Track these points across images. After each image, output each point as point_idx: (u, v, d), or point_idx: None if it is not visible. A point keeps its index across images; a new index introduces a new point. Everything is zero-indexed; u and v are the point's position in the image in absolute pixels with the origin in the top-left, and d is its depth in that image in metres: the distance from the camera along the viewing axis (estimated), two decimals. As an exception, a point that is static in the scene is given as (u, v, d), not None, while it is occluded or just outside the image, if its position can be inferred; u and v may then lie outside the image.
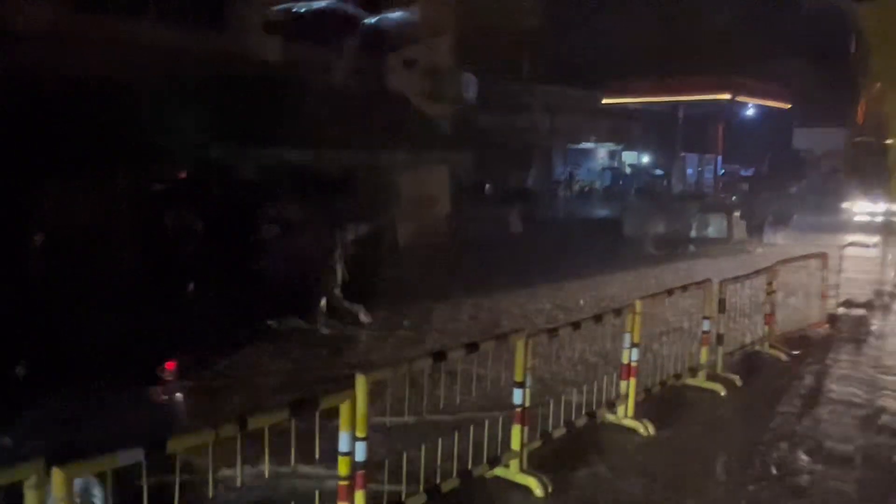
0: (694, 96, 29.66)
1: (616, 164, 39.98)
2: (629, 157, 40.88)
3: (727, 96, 28.03)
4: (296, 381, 5.93)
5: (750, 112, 34.74)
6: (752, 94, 29.84)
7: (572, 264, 12.62)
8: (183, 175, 10.72)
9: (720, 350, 6.59)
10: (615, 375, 5.48)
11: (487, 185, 32.43)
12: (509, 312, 9.03)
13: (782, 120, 36.46)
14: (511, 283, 10.49)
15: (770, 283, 7.37)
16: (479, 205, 18.26)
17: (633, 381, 5.36)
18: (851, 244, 11.37)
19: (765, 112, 35.14)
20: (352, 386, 3.40)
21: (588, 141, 35.61)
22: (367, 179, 14.12)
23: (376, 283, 8.51)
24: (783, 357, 7.30)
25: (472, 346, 4.14)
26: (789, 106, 32.85)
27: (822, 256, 8.37)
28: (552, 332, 4.73)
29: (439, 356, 3.92)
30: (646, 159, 41.61)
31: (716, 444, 5.09)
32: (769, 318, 7.45)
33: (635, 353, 5.34)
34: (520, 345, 4.32)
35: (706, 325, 6.31)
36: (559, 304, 9.60)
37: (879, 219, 18.97)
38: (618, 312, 5.27)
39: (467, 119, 31.49)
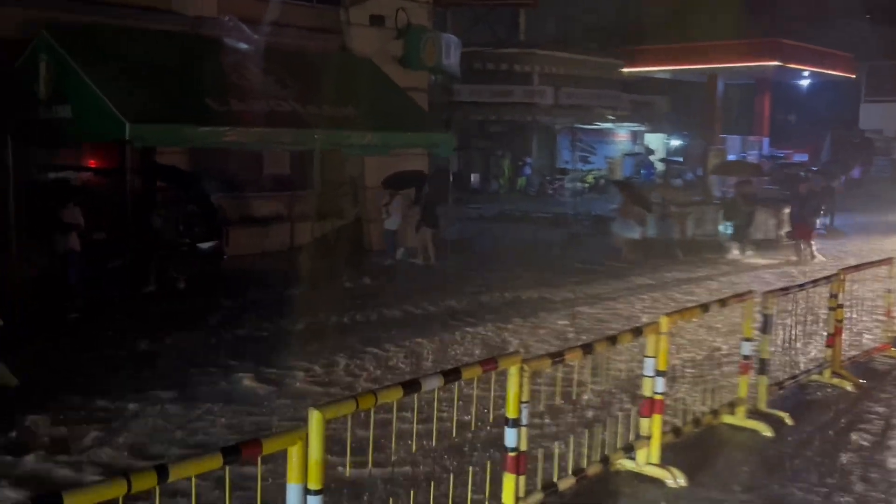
0: (735, 63, 29.96)
1: (638, 150, 40.41)
2: (655, 140, 41.32)
3: (775, 63, 28.40)
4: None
5: (804, 83, 35.20)
6: (806, 60, 30.21)
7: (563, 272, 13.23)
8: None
9: (764, 380, 6.71)
10: (635, 411, 5.55)
11: (473, 177, 32.69)
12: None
13: (845, 93, 36.96)
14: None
15: (835, 297, 7.49)
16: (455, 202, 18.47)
17: (657, 418, 5.41)
18: None
19: (822, 83, 35.58)
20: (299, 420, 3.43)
21: (603, 121, 35.83)
22: (302, 164, 14.51)
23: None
24: (849, 388, 7.40)
25: (454, 373, 4.18)
26: (854, 76, 33.21)
27: (890, 263, 8.54)
28: (556, 357, 4.77)
29: (411, 386, 3.95)
30: (676, 143, 42.13)
31: (760, 502, 5.17)
32: (832, 340, 7.56)
33: (661, 384, 5.40)
34: (513, 371, 4.37)
35: (747, 349, 6.41)
36: (533, 334, 9.67)
37: None
38: (638, 332, 5.34)
39: (448, 92, 31.84)
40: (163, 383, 7.17)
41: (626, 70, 32.58)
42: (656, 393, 5.40)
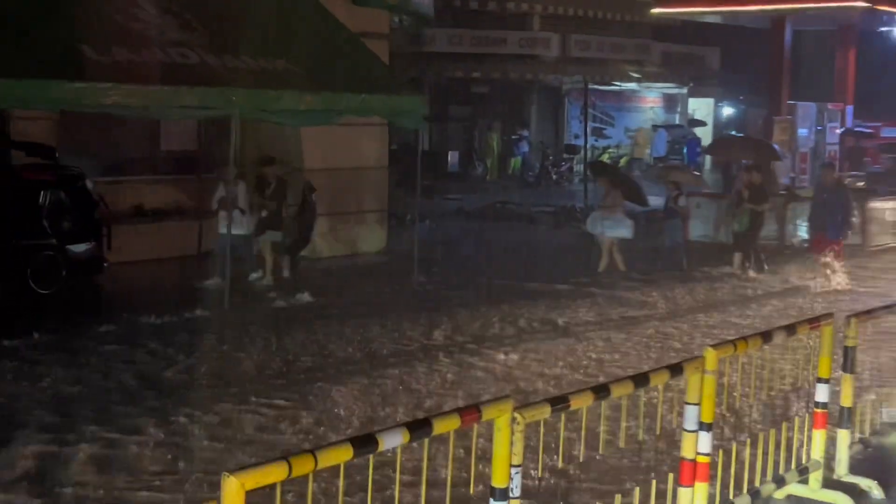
0: (809, 3, 30.28)
1: (677, 120, 40.76)
2: (701, 106, 41.66)
3: (864, 3, 28.70)
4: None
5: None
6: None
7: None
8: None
9: (847, 436, 6.78)
10: (672, 478, 5.59)
11: (451, 156, 32.81)
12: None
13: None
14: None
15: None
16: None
17: (702, 486, 5.47)
18: None
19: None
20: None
21: (626, 79, 36.09)
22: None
23: None
24: None
25: (421, 426, 4.19)
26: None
27: None
28: (558, 403, 4.79)
29: (365, 444, 3.95)
30: (727, 111, 42.56)
31: None
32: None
33: (706, 441, 5.45)
34: (502, 423, 4.39)
35: (823, 394, 6.50)
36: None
37: None
38: (675, 370, 5.38)
39: (418, 39, 31.87)
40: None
41: (657, 11, 32.72)
42: (700, 454, 5.44)
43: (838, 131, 31.41)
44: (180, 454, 7.09)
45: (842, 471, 6.77)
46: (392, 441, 4.06)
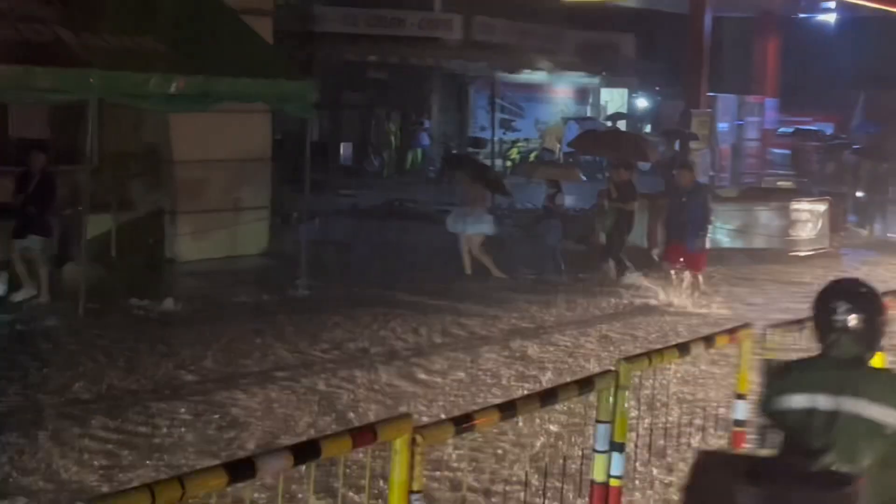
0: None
1: (588, 112, 41.30)
2: (615, 98, 42.28)
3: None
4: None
5: (828, 17, 36.64)
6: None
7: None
8: None
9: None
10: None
11: (344, 149, 32.67)
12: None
13: (889, 35, 38.70)
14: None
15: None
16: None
17: (612, 514, 5.55)
18: None
19: (856, 18, 37.16)
20: None
21: (536, 68, 36.48)
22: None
23: None
24: None
25: (309, 449, 4.16)
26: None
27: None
28: (462, 423, 4.82)
29: (241, 469, 3.91)
30: (642, 103, 43.29)
31: None
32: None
33: (618, 463, 5.55)
34: (400, 445, 4.39)
35: (740, 410, 6.63)
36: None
37: None
38: (584, 384, 5.45)
39: (306, 18, 31.65)
40: None
41: (568, -7, 33.18)
42: (613, 477, 5.52)
43: (787, 130, 32.19)
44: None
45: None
46: (272, 465, 4.04)
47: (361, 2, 33.23)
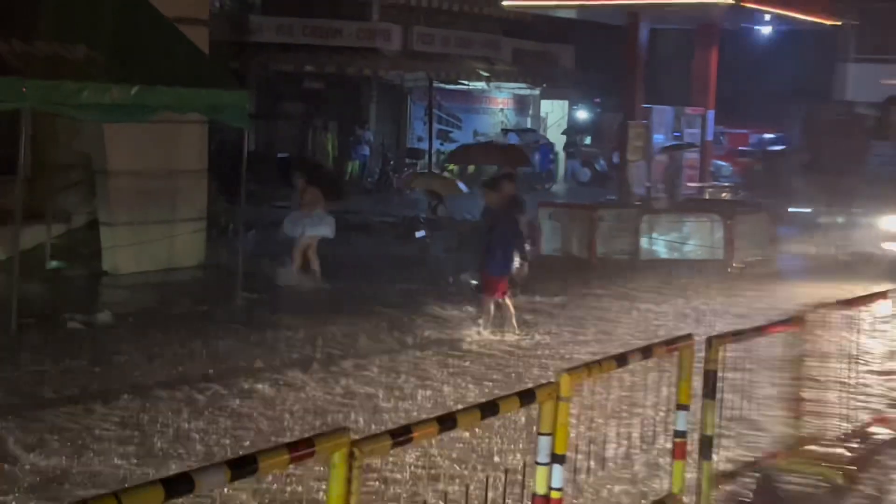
0: (667, -1, 31.27)
1: (528, 124, 41.47)
2: (555, 109, 42.57)
3: (730, 0, 29.80)
4: None
5: (765, 31, 37.21)
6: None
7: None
8: None
9: (708, 468, 6.97)
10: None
11: (280, 158, 32.55)
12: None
13: (824, 48, 39.41)
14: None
15: (797, 346, 7.88)
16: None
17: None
18: None
19: (792, 33, 37.77)
20: None
21: (476, 78, 36.59)
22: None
23: None
24: (834, 479, 7.67)
25: (246, 463, 4.11)
26: (839, 23, 35.21)
27: (880, 298, 9.10)
28: (399, 436, 4.79)
29: (179, 484, 3.85)
30: (582, 115, 43.59)
31: None
32: (799, 410, 7.93)
33: (558, 476, 5.52)
34: (338, 460, 4.35)
35: (682, 422, 6.64)
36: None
37: None
38: (526, 397, 5.42)
39: (242, 27, 31.52)
40: None
41: (508, 3, 33.22)
42: (553, 489, 5.50)
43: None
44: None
45: (706, 505, 6.94)
46: (212, 479, 3.99)
47: (298, 11, 33.12)
